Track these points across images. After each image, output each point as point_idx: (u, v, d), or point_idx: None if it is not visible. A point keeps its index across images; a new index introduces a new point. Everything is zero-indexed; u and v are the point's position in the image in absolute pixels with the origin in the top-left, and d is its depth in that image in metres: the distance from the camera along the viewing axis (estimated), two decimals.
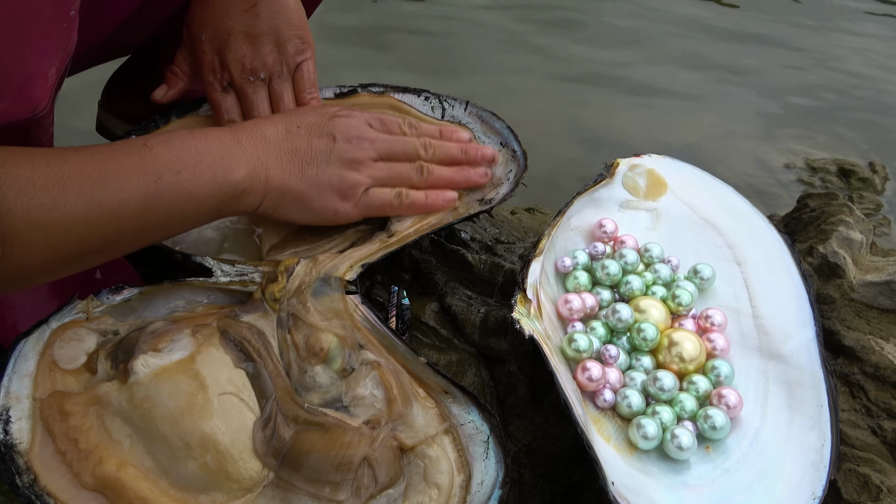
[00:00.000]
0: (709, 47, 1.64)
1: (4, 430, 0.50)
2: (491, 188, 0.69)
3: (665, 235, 0.68)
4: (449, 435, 0.53)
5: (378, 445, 0.51)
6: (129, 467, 0.50)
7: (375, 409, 0.54)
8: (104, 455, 0.50)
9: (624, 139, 1.32)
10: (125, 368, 0.52)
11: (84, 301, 0.57)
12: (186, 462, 0.50)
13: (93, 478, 0.49)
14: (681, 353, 0.59)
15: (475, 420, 0.54)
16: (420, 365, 0.56)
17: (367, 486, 0.50)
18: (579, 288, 0.63)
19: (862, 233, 0.73)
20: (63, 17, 0.47)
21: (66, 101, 1.24)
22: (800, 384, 0.58)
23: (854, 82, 1.55)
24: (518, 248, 0.76)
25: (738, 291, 0.65)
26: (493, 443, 0.53)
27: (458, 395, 0.55)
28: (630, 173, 0.70)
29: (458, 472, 0.52)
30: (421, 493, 0.51)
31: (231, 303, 0.61)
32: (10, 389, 0.52)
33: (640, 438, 0.55)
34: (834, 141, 1.37)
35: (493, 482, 0.51)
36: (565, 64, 1.53)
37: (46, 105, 0.48)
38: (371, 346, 0.57)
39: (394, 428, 0.53)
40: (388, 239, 0.64)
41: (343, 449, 0.51)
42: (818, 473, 0.52)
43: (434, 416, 0.54)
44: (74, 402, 0.52)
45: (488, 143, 0.71)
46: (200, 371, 0.53)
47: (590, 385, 0.57)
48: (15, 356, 0.54)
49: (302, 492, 0.50)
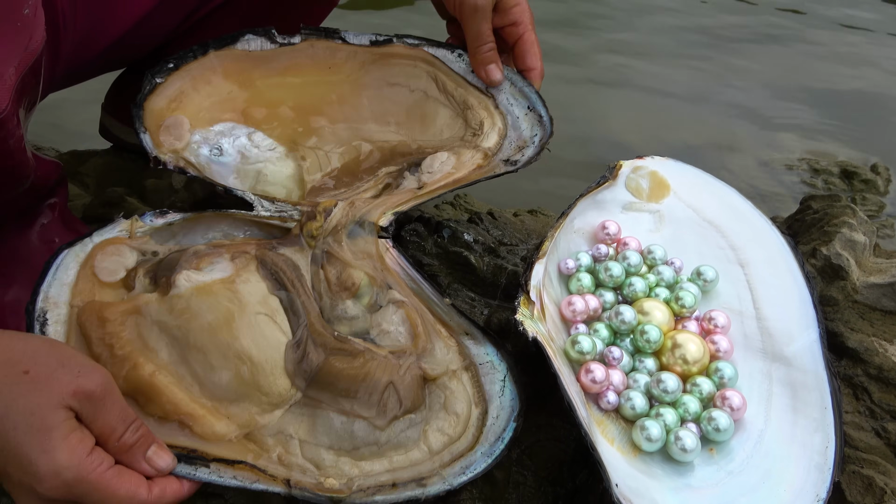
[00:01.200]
0: (710, 48, 1.64)
1: (41, 332, 0.52)
2: (516, 149, 0.70)
3: (668, 237, 0.68)
4: (468, 372, 0.57)
5: (403, 372, 0.55)
6: (162, 373, 0.52)
7: (400, 343, 0.57)
8: (138, 361, 0.52)
9: (625, 141, 1.32)
10: (167, 282, 0.56)
11: (128, 220, 0.60)
12: (221, 372, 0.53)
13: (125, 381, 0.51)
14: (684, 354, 0.59)
15: (493, 360, 0.57)
16: (444, 307, 0.60)
17: (392, 408, 0.54)
18: (582, 290, 0.63)
19: (865, 234, 0.72)
20: (16, 16, 0.46)
21: (70, 105, 1.25)
22: (803, 386, 0.58)
23: (857, 84, 1.55)
24: (521, 250, 0.76)
25: (742, 293, 0.65)
26: (510, 381, 0.56)
27: (478, 336, 0.58)
28: (633, 175, 0.70)
29: (475, 405, 0.56)
30: (441, 420, 0.54)
31: (267, 238, 0.63)
32: (48, 294, 0.54)
33: (644, 440, 0.55)
34: (837, 142, 1.36)
35: (509, 416, 0.54)
36: (565, 65, 1.53)
37: (7, 106, 0.47)
38: (399, 287, 0.60)
39: (418, 360, 0.56)
40: (418, 190, 0.66)
41: (370, 373, 0.54)
42: (822, 475, 0.52)
43: (455, 353, 0.58)
44: (113, 310, 0.54)
45: (515, 106, 0.72)
46: (239, 290, 0.56)
47: (593, 387, 0.57)
48: (56, 265, 0.56)
49: (329, 408, 0.53)
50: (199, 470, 0.49)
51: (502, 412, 0.55)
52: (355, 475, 0.51)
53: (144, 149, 0.64)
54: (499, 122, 0.71)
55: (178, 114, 0.67)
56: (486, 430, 0.54)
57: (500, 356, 0.57)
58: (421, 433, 0.54)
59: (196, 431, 0.51)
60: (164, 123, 0.66)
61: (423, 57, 0.73)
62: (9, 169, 0.58)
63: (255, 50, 0.70)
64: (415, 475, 0.51)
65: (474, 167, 0.67)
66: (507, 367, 0.57)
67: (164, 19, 0.74)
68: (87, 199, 0.88)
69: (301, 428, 0.53)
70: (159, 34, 0.77)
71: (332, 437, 0.53)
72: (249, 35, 0.70)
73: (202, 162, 0.66)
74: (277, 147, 0.70)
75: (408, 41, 0.73)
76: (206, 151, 0.66)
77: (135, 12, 0.69)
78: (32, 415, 0.43)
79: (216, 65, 0.69)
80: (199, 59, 0.68)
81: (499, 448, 0.52)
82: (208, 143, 0.67)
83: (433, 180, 0.67)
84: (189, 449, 0.50)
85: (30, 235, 0.68)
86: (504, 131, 0.71)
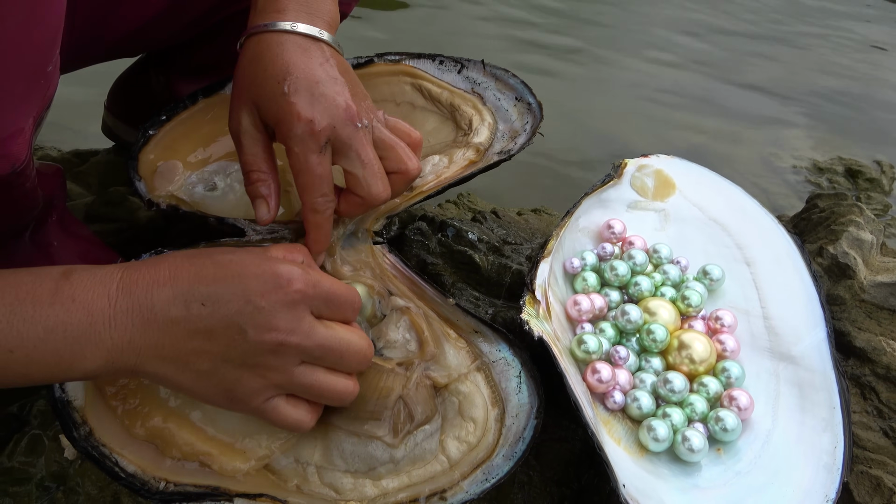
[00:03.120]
0: (714, 48, 1.64)
1: (61, 389, 0.53)
2: (509, 140, 0.69)
3: (674, 236, 0.68)
4: (481, 372, 0.55)
5: (412, 385, 0.53)
6: (174, 417, 0.53)
7: (408, 352, 0.56)
8: (150, 409, 0.53)
9: (628, 140, 1.32)
10: None
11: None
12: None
13: (143, 429, 0.52)
14: (691, 354, 0.58)
15: (506, 356, 0.56)
16: (449, 307, 0.58)
17: (404, 423, 0.53)
18: (588, 289, 0.63)
19: (872, 233, 0.72)
20: (41, 74, 0.46)
21: (72, 104, 1.25)
22: (811, 386, 0.57)
23: (860, 82, 1.55)
24: (525, 249, 0.76)
25: (748, 292, 0.64)
26: (525, 377, 0.54)
27: (488, 334, 0.57)
28: (638, 174, 0.70)
29: (492, 407, 0.54)
30: (458, 427, 0.53)
31: None
32: None
33: (651, 440, 0.54)
34: (841, 141, 1.36)
35: (528, 413, 0.53)
36: (569, 64, 1.53)
37: (25, 158, 0.47)
38: (400, 293, 0.59)
39: (426, 368, 0.55)
40: (409, 192, 0.65)
41: (379, 390, 0.53)
42: (831, 476, 0.52)
43: (465, 355, 0.56)
44: None
45: (503, 100, 0.72)
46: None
47: (600, 387, 0.57)
48: None
49: (341, 431, 0.53)
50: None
51: (521, 410, 0.53)
52: (376, 495, 0.50)
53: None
54: (488, 117, 0.71)
55: (171, 160, 0.68)
56: (506, 432, 0.53)
57: (514, 352, 0.56)
58: (438, 444, 0.53)
59: (216, 469, 0.51)
60: (158, 169, 0.67)
61: (404, 71, 0.73)
62: (25, 206, 0.58)
63: None
64: (435, 488, 0.50)
65: (467, 163, 0.67)
66: (522, 363, 0.55)
67: (170, 23, 0.73)
68: (88, 199, 0.87)
69: (315, 454, 0.52)
70: (165, 38, 0.77)
71: (348, 461, 0.52)
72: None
73: (196, 199, 0.67)
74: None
75: (388, 58, 0.74)
76: (199, 189, 0.68)
77: (138, 15, 0.69)
78: (248, 252, 0.48)
79: (206, 111, 0.70)
80: (190, 109, 0.70)
81: (520, 449, 0.51)
82: (202, 182, 0.68)
83: (425, 181, 0.66)
84: (212, 487, 0.50)
85: (25, 238, 0.67)
86: (494, 125, 0.70)
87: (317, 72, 0.54)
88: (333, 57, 0.56)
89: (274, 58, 0.54)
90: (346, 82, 0.55)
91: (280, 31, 0.55)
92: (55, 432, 0.63)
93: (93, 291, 0.44)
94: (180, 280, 0.45)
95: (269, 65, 0.54)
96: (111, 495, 0.59)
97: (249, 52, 0.55)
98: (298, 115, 0.52)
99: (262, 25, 0.55)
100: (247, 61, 0.55)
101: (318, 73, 0.54)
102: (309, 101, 0.52)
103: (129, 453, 0.51)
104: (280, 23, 0.55)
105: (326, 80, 0.54)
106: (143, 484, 0.50)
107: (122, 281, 0.45)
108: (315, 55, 0.55)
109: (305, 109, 0.52)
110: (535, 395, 0.54)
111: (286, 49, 0.54)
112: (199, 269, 0.46)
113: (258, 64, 0.54)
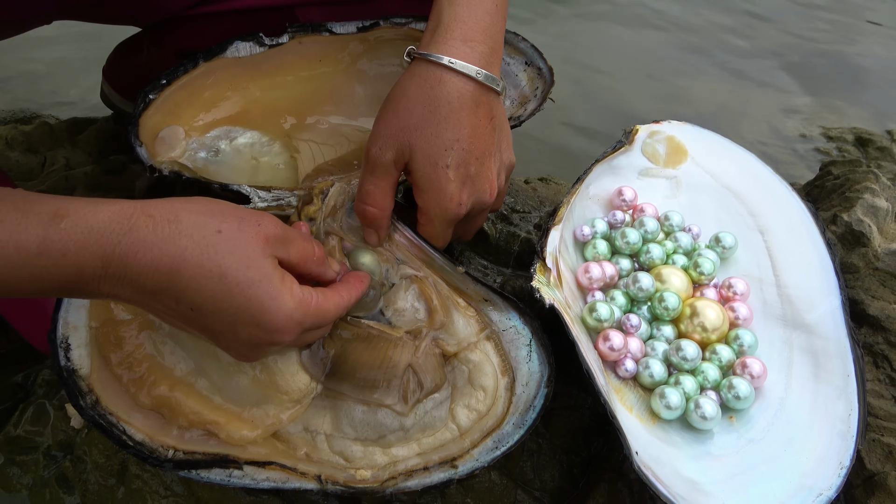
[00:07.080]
0: (722, 17, 1.61)
1: (66, 357, 0.52)
2: (518, 106, 0.68)
3: (686, 203, 0.67)
4: (491, 341, 0.55)
5: (421, 353, 0.53)
6: (181, 386, 0.52)
7: (417, 321, 0.56)
8: (157, 377, 0.52)
9: (636, 110, 1.30)
10: None
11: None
12: (238, 377, 0.52)
13: (149, 398, 0.52)
14: (703, 322, 0.58)
15: (516, 325, 0.55)
16: (459, 275, 0.57)
17: (414, 391, 0.52)
18: (598, 257, 0.62)
19: (888, 200, 0.71)
20: None
21: (70, 71, 1.23)
22: (825, 353, 0.57)
23: (870, 51, 1.52)
24: (533, 218, 0.75)
25: (761, 260, 0.63)
26: (536, 345, 0.54)
27: (498, 302, 0.56)
28: (649, 140, 0.69)
29: (502, 375, 0.54)
30: (467, 396, 0.53)
31: None
32: (67, 320, 0.54)
33: (663, 408, 0.54)
34: (851, 109, 1.34)
35: (539, 382, 0.52)
36: (576, 36, 1.50)
37: None
38: (409, 261, 0.58)
39: (435, 337, 0.54)
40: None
41: (387, 358, 0.53)
42: (845, 443, 0.51)
43: (475, 323, 0.56)
44: (127, 327, 0.54)
45: (512, 65, 0.70)
46: None
47: (611, 355, 0.56)
48: None
49: (350, 399, 0.52)
50: (234, 474, 0.49)
51: (531, 379, 0.53)
52: (386, 463, 0.50)
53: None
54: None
55: (173, 125, 0.67)
56: (516, 400, 0.52)
57: (524, 321, 0.55)
58: (448, 412, 0.52)
59: (223, 438, 0.50)
60: (160, 135, 0.66)
61: (412, 35, 0.72)
62: None
63: (245, 55, 0.69)
64: (445, 456, 0.50)
65: None
66: (532, 331, 0.54)
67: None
68: (88, 168, 0.86)
69: (325, 422, 0.52)
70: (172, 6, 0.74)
71: (357, 429, 0.52)
72: (238, 42, 0.69)
73: (199, 165, 0.66)
74: (272, 143, 0.69)
75: (395, 21, 0.72)
76: (202, 155, 0.66)
77: None
78: (249, 268, 0.43)
79: (207, 75, 0.69)
80: (190, 73, 0.68)
81: (531, 417, 0.51)
82: (205, 148, 0.67)
83: None
84: (220, 455, 0.49)
85: None
86: (503, 91, 0.70)
87: (480, 143, 0.54)
88: (496, 109, 0.56)
89: (448, 114, 0.53)
90: (500, 149, 0.57)
91: (460, 75, 0.54)
92: (61, 401, 0.63)
93: (86, 250, 0.42)
94: (181, 278, 0.43)
95: (441, 120, 0.53)
96: (119, 463, 0.58)
97: (419, 80, 0.54)
98: (451, 197, 0.54)
99: (441, 58, 0.54)
100: (415, 87, 0.54)
101: (480, 144, 0.54)
102: (463, 180, 0.54)
103: (137, 421, 0.51)
104: (463, 63, 0.53)
105: (485, 154, 0.55)
106: (152, 452, 0.49)
107: (120, 246, 0.42)
108: (483, 115, 0.55)
109: (458, 190, 0.54)
110: (546, 363, 0.53)
111: (463, 105, 0.53)
112: (204, 275, 0.43)
113: (426, 106, 0.53)
